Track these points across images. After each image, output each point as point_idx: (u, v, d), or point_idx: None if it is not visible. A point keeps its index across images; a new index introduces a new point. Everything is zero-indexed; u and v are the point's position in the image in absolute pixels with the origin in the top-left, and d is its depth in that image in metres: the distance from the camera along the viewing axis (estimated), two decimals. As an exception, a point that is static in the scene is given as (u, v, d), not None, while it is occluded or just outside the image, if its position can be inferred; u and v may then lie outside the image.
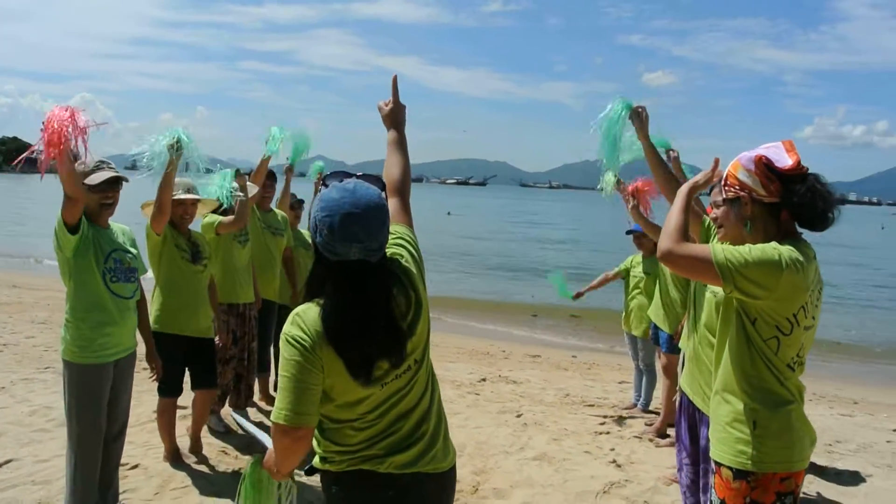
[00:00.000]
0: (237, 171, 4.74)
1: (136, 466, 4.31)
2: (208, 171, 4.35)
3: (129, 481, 4.10)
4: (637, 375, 6.60)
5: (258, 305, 5.28)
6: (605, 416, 6.23)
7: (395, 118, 2.30)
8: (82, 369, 3.34)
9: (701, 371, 3.00)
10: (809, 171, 2.21)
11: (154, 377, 3.92)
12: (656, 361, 6.14)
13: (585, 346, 11.45)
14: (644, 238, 6.21)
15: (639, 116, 3.30)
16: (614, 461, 4.93)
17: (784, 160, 2.19)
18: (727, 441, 2.26)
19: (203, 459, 4.51)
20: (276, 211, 5.73)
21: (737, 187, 2.27)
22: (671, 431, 5.61)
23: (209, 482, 4.17)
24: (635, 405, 6.53)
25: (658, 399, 6.41)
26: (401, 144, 2.27)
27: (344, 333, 1.75)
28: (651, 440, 5.51)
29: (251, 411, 5.48)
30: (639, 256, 6.43)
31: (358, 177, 1.83)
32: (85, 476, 3.41)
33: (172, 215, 4.22)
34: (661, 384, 5.88)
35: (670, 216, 2.32)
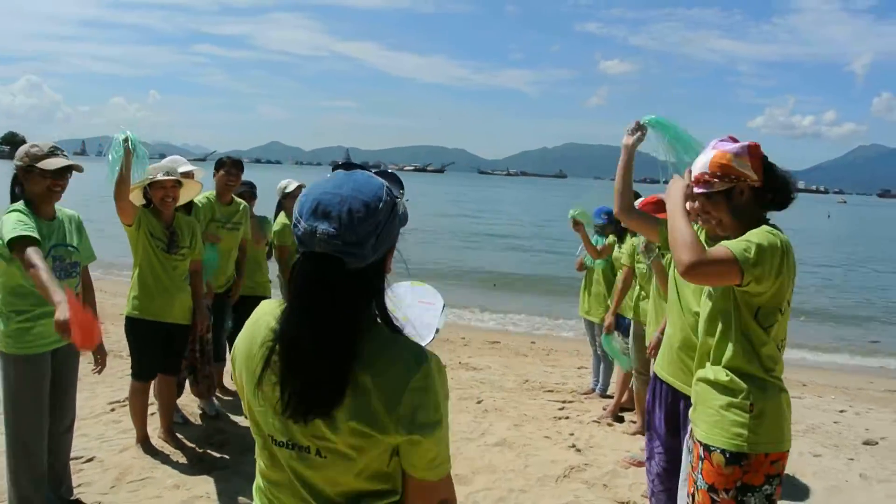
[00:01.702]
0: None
1: (91, 459, 4.21)
2: (162, 156, 4.30)
3: (84, 475, 4.01)
4: (595, 361, 6.70)
5: (210, 297, 5.12)
6: (563, 402, 6.31)
7: None
8: (18, 360, 3.21)
9: (690, 357, 3.01)
10: None
11: (97, 369, 3.64)
12: None
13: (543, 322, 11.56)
14: (605, 227, 6.29)
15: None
16: (574, 446, 5.00)
17: (753, 143, 2.35)
18: (721, 424, 2.30)
19: (160, 450, 4.43)
20: (238, 201, 5.57)
21: (732, 177, 2.32)
22: (626, 416, 5.73)
23: (167, 474, 4.10)
24: (593, 390, 6.63)
25: (615, 384, 6.52)
26: None
27: (284, 341, 1.34)
28: (609, 425, 5.59)
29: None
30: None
31: (378, 173, 1.46)
32: (30, 472, 3.29)
33: (153, 199, 4.23)
34: (617, 369, 5.97)
35: (678, 229, 2.28)
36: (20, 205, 3.20)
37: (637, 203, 4.91)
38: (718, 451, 2.30)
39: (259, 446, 1.46)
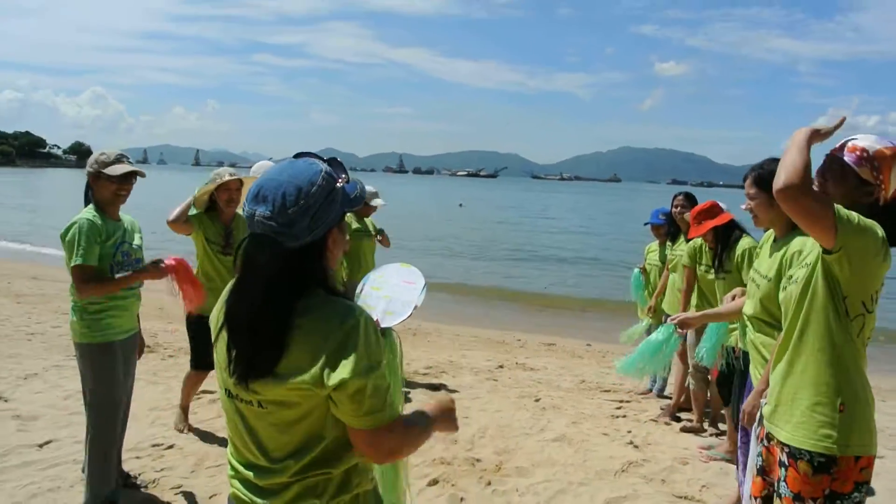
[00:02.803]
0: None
1: (171, 446, 4.48)
2: (219, 164, 4.53)
3: (165, 460, 4.27)
4: (652, 362, 6.73)
5: None
6: (621, 401, 6.36)
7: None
8: (92, 348, 3.46)
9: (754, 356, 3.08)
10: None
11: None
12: None
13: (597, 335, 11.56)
14: (660, 228, 6.35)
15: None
16: (631, 442, 5.06)
17: None
18: (807, 426, 2.20)
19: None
20: None
21: (879, 176, 2.22)
22: (683, 415, 5.76)
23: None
24: (650, 390, 6.66)
25: (672, 385, 6.55)
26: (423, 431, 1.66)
27: (226, 312, 1.56)
28: (667, 423, 5.63)
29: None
30: (654, 244, 6.56)
31: (326, 160, 1.61)
32: (107, 451, 3.54)
33: (220, 201, 4.56)
34: (675, 370, 6.00)
35: (792, 153, 2.10)
36: (91, 209, 3.48)
37: (692, 212, 4.97)
38: (806, 458, 2.19)
39: (221, 399, 1.66)
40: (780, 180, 2.04)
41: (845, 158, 2.25)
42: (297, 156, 1.60)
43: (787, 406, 2.29)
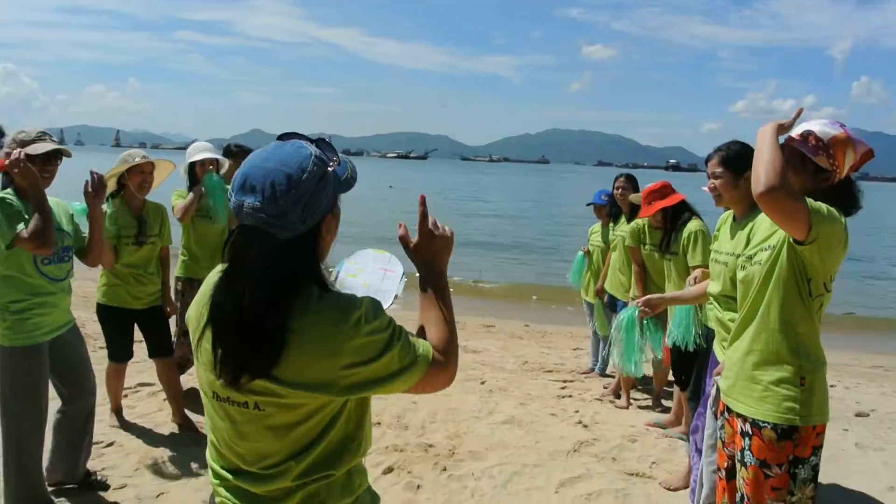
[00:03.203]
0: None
1: (111, 444, 4.28)
2: (141, 144, 4.22)
3: (106, 459, 4.08)
4: (594, 341, 6.85)
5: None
6: (564, 381, 6.45)
7: (425, 257, 1.63)
8: (15, 351, 3.18)
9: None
10: None
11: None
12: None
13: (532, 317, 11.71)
14: (603, 208, 6.43)
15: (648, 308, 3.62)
16: (580, 422, 5.14)
17: (871, 149, 2.36)
18: (771, 399, 2.32)
19: (179, 434, 4.51)
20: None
21: (836, 162, 2.30)
22: (634, 394, 5.89)
23: (190, 456, 4.17)
24: (593, 370, 6.78)
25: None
26: (437, 306, 1.58)
27: (212, 310, 1.40)
28: (611, 402, 5.74)
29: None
30: (597, 226, 6.64)
31: (313, 141, 1.48)
32: (27, 463, 3.26)
33: (131, 184, 4.28)
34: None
35: (766, 152, 2.15)
36: (9, 192, 3.13)
37: (641, 193, 5.02)
38: (769, 426, 2.31)
39: (204, 401, 1.52)
40: (761, 184, 2.09)
41: (803, 150, 2.32)
42: (282, 137, 1.47)
43: (747, 381, 2.40)
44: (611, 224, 6.20)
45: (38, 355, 3.24)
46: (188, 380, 5.27)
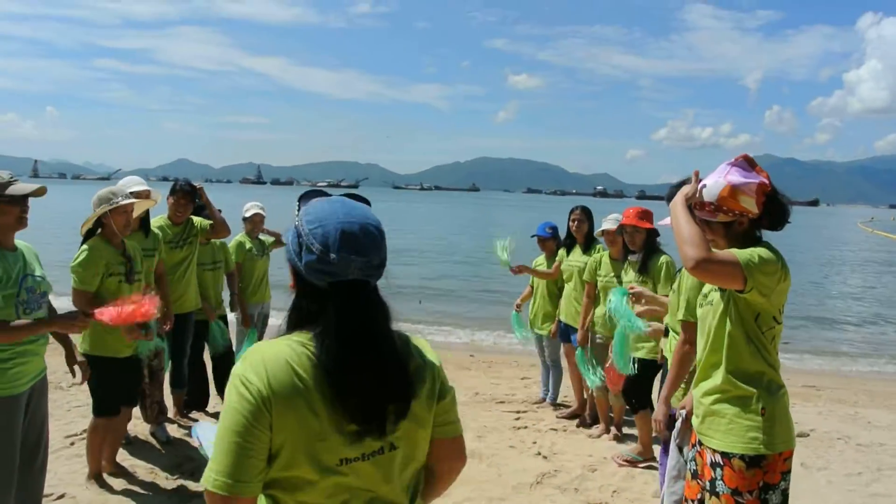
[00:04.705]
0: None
1: (62, 496, 4.10)
2: (61, 175, 4.04)
3: (57, 512, 3.90)
4: (544, 371, 6.93)
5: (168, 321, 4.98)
6: (518, 412, 6.51)
7: None
8: None
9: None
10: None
11: (81, 381, 3.81)
12: (561, 357, 6.53)
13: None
14: (547, 241, 6.58)
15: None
16: (539, 453, 5.20)
17: (764, 181, 2.50)
18: (736, 431, 2.43)
19: (132, 481, 4.35)
20: (192, 219, 5.55)
21: (735, 212, 2.46)
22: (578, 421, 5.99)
23: (147, 505, 4.04)
24: (544, 399, 6.87)
25: (563, 392, 6.80)
26: None
27: (352, 367, 1.40)
28: (565, 430, 5.85)
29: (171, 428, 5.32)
30: (541, 258, 6.76)
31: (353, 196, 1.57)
32: None
33: (116, 225, 4.07)
34: (572, 375, 6.25)
35: (683, 227, 2.35)
36: None
37: (614, 217, 5.17)
38: (738, 456, 2.42)
39: (306, 481, 1.41)
40: (689, 259, 2.28)
41: (705, 217, 2.51)
42: (308, 195, 1.57)
43: (713, 416, 2.52)
44: (562, 253, 6.31)
45: (17, 405, 3.13)
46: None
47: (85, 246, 4.02)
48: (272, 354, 1.41)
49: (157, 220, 5.33)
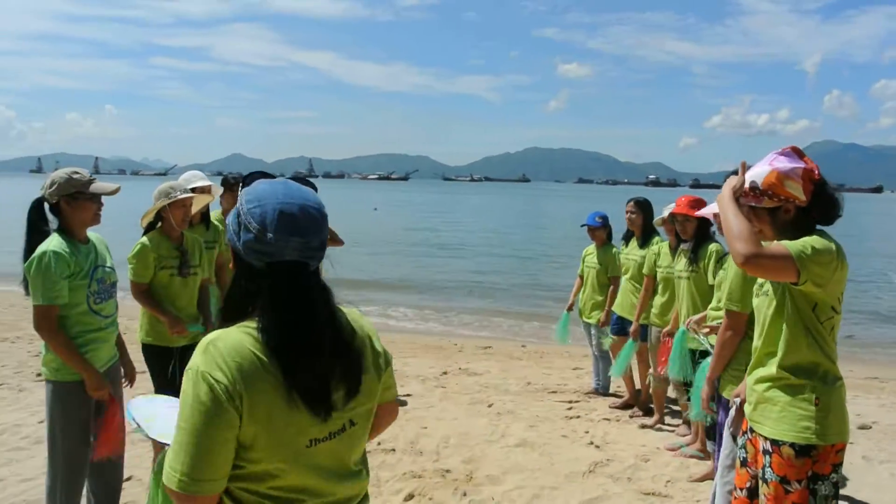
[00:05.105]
0: None
1: (129, 478, 4.27)
2: (121, 171, 4.10)
3: (126, 494, 4.06)
4: (595, 362, 6.91)
5: None
6: (570, 402, 6.50)
7: None
8: (69, 387, 3.23)
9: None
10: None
11: (128, 384, 3.84)
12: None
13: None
14: (597, 230, 6.54)
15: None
16: (592, 442, 5.20)
17: (815, 170, 2.48)
18: (788, 419, 2.42)
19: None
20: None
21: (780, 197, 2.44)
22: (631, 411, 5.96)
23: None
24: (596, 389, 6.84)
25: (615, 382, 6.77)
26: None
27: (294, 351, 1.40)
28: (631, 417, 5.88)
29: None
30: (591, 247, 6.73)
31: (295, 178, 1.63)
32: (68, 500, 3.29)
33: (174, 219, 4.17)
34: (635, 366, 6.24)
35: (733, 223, 2.34)
36: (56, 238, 3.19)
37: (672, 206, 5.10)
38: (788, 444, 2.40)
39: (278, 468, 1.42)
40: (738, 255, 2.27)
41: (751, 204, 2.50)
42: (250, 176, 1.67)
43: (766, 404, 2.50)
44: (623, 246, 6.24)
45: (84, 391, 3.27)
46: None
47: (142, 239, 4.17)
48: (231, 345, 1.38)
49: (213, 215, 5.48)
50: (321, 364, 1.42)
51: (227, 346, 1.38)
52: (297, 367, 1.40)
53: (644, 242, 5.88)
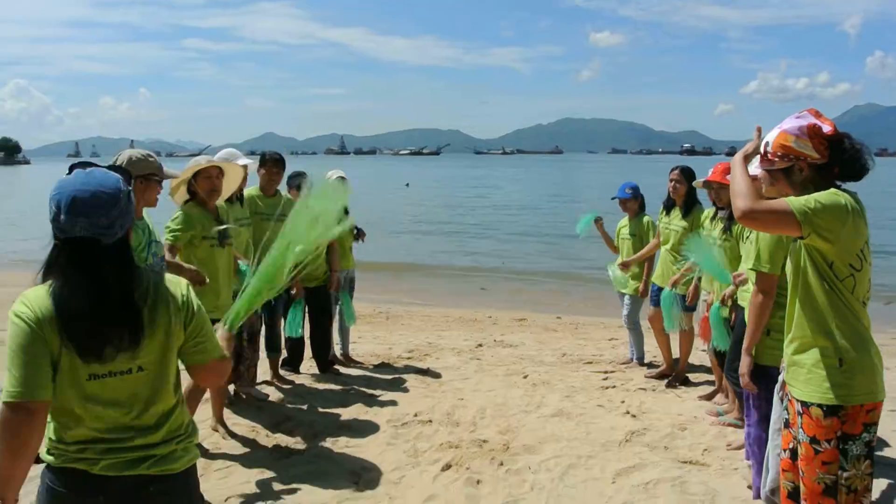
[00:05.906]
0: None
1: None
2: (157, 153, 4.22)
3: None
4: (629, 335, 6.88)
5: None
6: (605, 372, 6.50)
7: None
8: None
9: None
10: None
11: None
12: (642, 318, 6.54)
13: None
14: (628, 202, 6.49)
15: None
16: (628, 412, 5.19)
17: (824, 126, 2.45)
18: (814, 381, 2.45)
19: (234, 441, 4.62)
20: (282, 195, 5.74)
21: (790, 156, 2.45)
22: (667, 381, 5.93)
23: (250, 461, 4.28)
24: (632, 360, 6.81)
25: (651, 352, 6.75)
26: None
27: (73, 312, 1.75)
28: (668, 386, 5.89)
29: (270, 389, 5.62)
30: (624, 220, 6.67)
31: (112, 168, 2.02)
32: None
33: (200, 191, 4.25)
34: (659, 337, 6.21)
35: (737, 180, 2.43)
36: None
37: (709, 174, 5.04)
38: (815, 405, 2.43)
39: (64, 396, 1.79)
40: (737, 208, 2.37)
41: (765, 167, 2.55)
42: (80, 165, 1.94)
43: (795, 367, 2.55)
44: (663, 215, 6.10)
45: None
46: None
47: (184, 207, 4.29)
48: (35, 295, 1.80)
49: (250, 191, 5.55)
50: (92, 324, 1.76)
51: (33, 295, 1.81)
52: (69, 324, 1.76)
53: (686, 213, 5.76)
